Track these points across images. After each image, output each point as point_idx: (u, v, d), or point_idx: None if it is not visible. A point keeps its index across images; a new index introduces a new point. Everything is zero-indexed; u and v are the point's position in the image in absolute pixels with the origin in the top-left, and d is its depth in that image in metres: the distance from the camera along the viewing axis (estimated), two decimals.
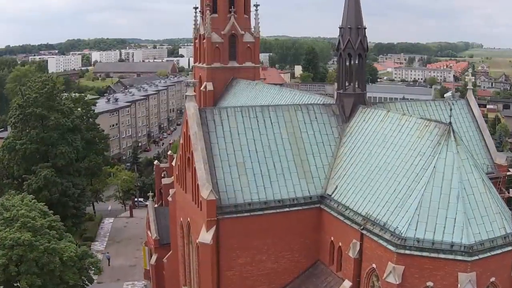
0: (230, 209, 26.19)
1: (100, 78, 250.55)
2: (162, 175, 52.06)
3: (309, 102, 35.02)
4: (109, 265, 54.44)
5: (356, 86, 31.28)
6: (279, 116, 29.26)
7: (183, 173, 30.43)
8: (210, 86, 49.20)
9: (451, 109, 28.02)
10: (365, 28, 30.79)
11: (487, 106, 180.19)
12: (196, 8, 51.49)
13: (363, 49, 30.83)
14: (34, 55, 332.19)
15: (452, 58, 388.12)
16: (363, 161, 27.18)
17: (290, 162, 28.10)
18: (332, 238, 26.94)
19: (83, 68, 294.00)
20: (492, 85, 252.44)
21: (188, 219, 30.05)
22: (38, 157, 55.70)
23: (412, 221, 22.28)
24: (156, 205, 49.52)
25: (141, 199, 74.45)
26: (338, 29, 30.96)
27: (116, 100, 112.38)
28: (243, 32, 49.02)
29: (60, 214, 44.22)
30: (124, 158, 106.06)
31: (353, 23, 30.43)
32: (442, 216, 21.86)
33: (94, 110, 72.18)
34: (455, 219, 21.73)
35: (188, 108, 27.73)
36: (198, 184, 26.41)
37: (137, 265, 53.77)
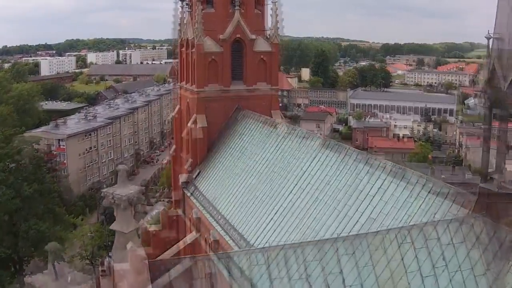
0: None
1: (94, 82, 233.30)
2: None
3: (404, 185, 17.63)
4: None
5: None
6: (365, 268, 11.43)
7: None
8: (202, 121, 32.22)
9: None
10: None
11: None
12: (182, 0, 34.25)
13: None
14: (31, 56, 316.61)
15: (461, 60, 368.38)
16: None
17: None
18: None
19: (77, 71, 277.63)
20: None
21: None
22: None
23: None
24: None
25: None
26: (486, 39, 13.30)
27: (95, 117, 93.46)
28: (253, 36, 32.32)
29: None
30: (105, 186, 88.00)
31: None
32: None
33: (37, 151, 52.88)
34: None
35: None
36: None
37: None
